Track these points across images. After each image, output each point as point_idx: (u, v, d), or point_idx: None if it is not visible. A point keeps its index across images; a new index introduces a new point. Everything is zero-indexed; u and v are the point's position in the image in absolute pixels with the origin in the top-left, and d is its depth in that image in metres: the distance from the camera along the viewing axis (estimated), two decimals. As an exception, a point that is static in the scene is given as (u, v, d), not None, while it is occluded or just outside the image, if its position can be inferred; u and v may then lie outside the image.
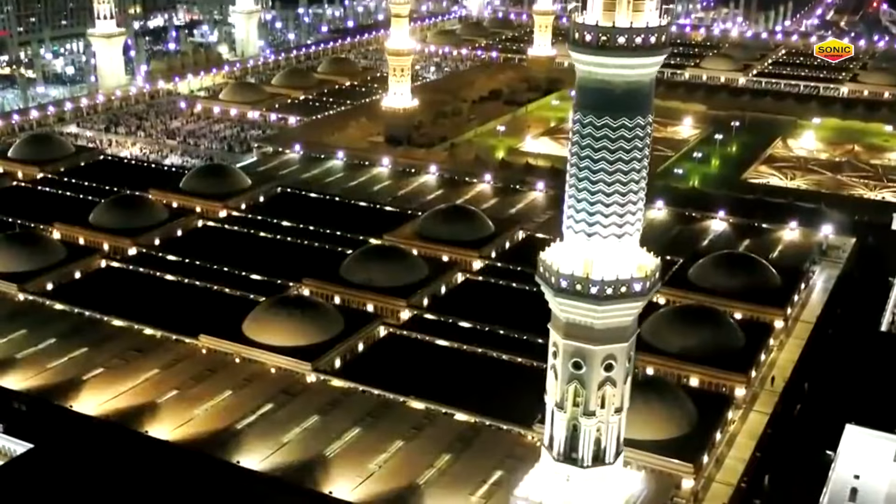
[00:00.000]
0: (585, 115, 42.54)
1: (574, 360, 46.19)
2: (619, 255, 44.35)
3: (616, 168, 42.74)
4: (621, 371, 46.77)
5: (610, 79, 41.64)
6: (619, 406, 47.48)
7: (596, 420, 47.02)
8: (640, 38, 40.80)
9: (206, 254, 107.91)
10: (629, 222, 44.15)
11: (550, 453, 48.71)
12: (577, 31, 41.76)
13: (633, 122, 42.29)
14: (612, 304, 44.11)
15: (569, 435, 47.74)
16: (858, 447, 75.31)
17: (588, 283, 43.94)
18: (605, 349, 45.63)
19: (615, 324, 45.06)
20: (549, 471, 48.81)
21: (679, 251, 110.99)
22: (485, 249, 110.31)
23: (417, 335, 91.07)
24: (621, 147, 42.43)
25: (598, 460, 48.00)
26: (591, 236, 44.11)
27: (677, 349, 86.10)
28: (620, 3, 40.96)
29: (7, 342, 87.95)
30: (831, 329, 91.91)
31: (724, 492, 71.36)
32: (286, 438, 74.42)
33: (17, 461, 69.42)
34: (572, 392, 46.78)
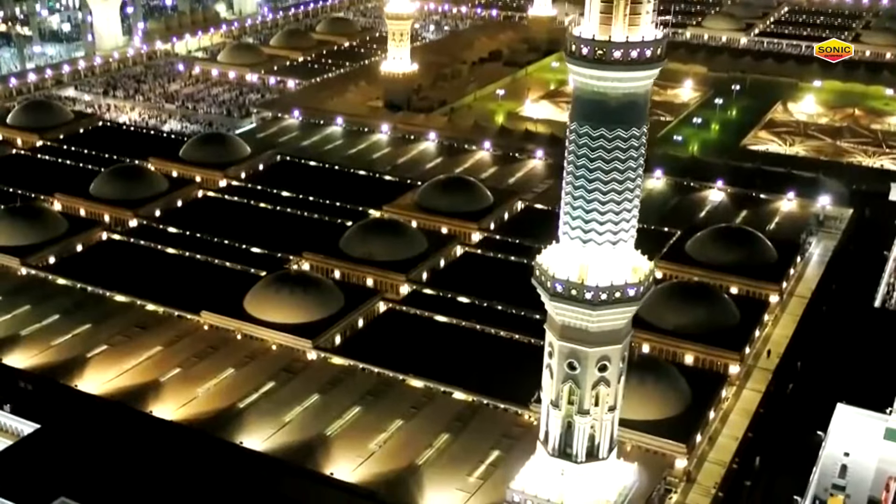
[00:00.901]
0: (581, 125, 43.05)
1: (569, 361, 47.26)
2: (614, 260, 45.14)
3: (611, 177, 43.39)
4: (615, 371, 47.86)
5: (605, 91, 42.08)
6: (612, 405, 48.66)
7: (590, 418, 48.24)
8: (635, 52, 41.15)
9: (207, 226, 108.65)
10: (623, 229, 44.89)
11: (546, 448, 49.99)
12: (574, 44, 42.08)
13: (627, 133, 42.82)
14: (606, 308, 45.04)
15: (563, 431, 49.00)
16: (849, 425, 76.84)
17: (583, 288, 44.81)
18: (600, 351, 46.66)
19: (609, 327, 46.04)
20: (544, 465, 50.16)
21: (677, 222, 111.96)
22: (483, 221, 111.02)
23: (416, 311, 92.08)
24: (616, 157, 43.02)
25: (592, 456, 49.31)
26: (587, 243, 44.89)
27: (673, 326, 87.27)
28: (617, 17, 41.23)
29: (11, 318, 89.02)
30: (825, 305, 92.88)
31: (717, 471, 72.89)
32: (288, 418, 75.80)
33: (24, 441, 70.76)
34: (567, 391, 47.90)
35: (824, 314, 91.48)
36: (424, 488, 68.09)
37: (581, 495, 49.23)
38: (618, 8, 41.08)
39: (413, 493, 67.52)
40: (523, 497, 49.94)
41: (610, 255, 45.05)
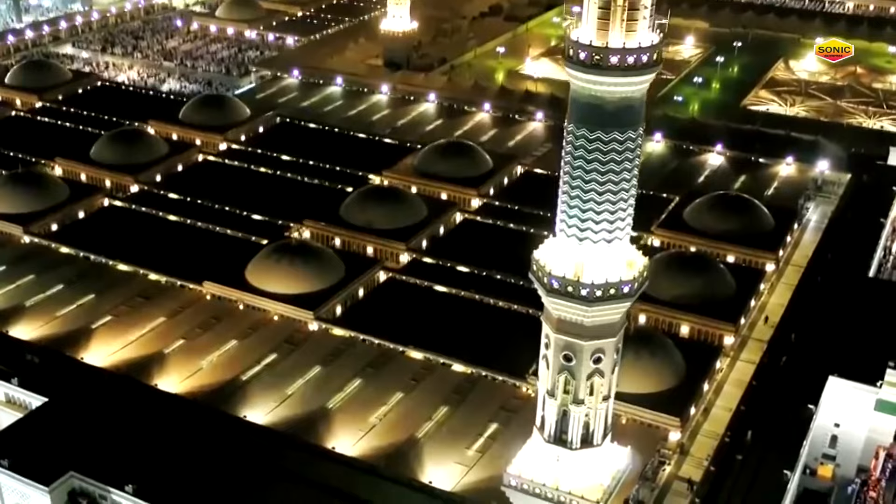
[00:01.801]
0: (578, 127, 43.62)
1: (565, 353, 48.42)
2: (609, 258, 46.02)
3: (607, 178, 44.07)
4: (609, 363, 49.05)
5: (602, 95, 42.55)
6: (606, 394, 49.95)
7: (585, 407, 49.56)
8: (632, 57, 41.56)
9: (208, 191, 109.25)
10: (619, 227, 45.69)
11: (542, 435, 51.41)
12: (572, 49, 42.45)
13: (623, 136, 43.40)
14: (600, 305, 46.08)
15: (559, 419, 50.34)
16: (840, 398, 78.52)
17: (579, 285, 45.79)
18: (595, 344, 47.79)
19: (604, 321, 47.14)
20: (540, 450, 51.63)
21: (676, 187, 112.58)
22: (483, 187, 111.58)
23: (416, 280, 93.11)
24: (612, 159, 43.66)
25: (587, 443, 50.74)
26: (583, 241, 45.74)
27: (669, 297, 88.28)
28: (614, 23, 41.56)
29: (16, 288, 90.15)
30: (820, 276, 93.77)
31: (710, 443, 74.45)
32: (290, 391, 77.33)
33: (32, 415, 72.23)
34: (563, 381, 49.14)
35: (819, 284, 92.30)
36: (424, 462, 69.81)
37: (576, 480, 50.79)
38: (615, 14, 41.39)
39: (413, 467, 69.22)
40: (520, 481, 51.49)
41: (605, 253, 45.93)
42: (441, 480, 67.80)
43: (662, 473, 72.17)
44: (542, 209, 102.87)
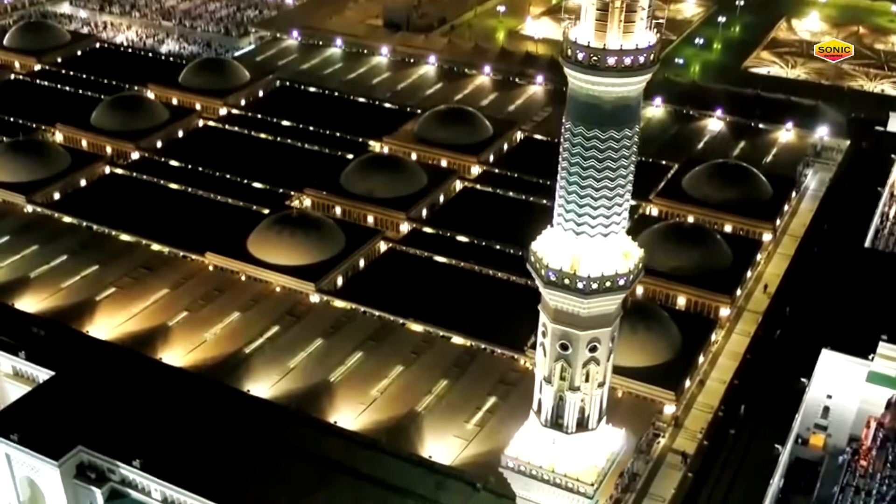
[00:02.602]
0: (576, 125, 44.17)
1: (561, 342, 49.51)
2: (605, 251, 46.89)
3: (604, 175, 44.76)
4: (605, 351, 50.19)
5: (600, 94, 43.04)
6: (602, 381, 51.15)
7: (580, 394, 50.80)
8: (629, 59, 42.02)
9: (208, 158, 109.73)
10: (615, 221, 46.47)
11: (539, 419, 52.74)
12: (570, 49, 42.87)
13: (620, 134, 44.01)
14: (596, 297, 47.04)
15: (555, 404, 51.62)
16: (832, 370, 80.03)
17: (575, 278, 46.72)
18: (590, 333, 48.88)
19: (600, 312, 48.15)
20: (536, 434, 53.02)
21: (675, 154, 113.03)
22: (483, 154, 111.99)
23: (416, 251, 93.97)
24: (609, 157, 44.30)
25: (582, 426, 52.08)
26: (580, 234, 46.55)
27: (667, 269, 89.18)
28: (612, 24, 41.91)
29: (20, 259, 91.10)
30: (816, 246, 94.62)
31: (704, 417, 75.96)
32: (292, 364, 78.67)
33: (40, 389, 73.63)
34: (559, 368, 50.33)
35: (815, 255, 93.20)
36: (424, 436, 71.39)
37: (572, 462, 52.26)
38: (612, 15, 41.75)
39: (413, 441, 70.80)
40: (517, 463, 52.93)
41: (601, 246, 46.77)
42: (440, 454, 69.43)
43: (657, 446, 73.83)
44: (542, 177, 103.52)
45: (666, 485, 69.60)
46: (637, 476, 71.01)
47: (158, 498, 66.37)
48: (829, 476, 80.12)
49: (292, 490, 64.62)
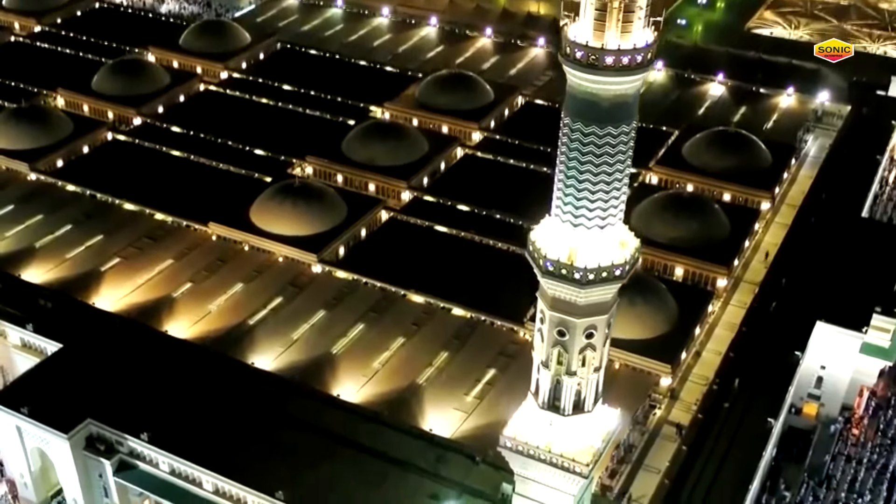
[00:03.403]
0: (574, 121, 44.78)
1: (558, 329, 50.59)
2: (602, 243, 47.79)
3: (601, 170, 45.48)
4: (601, 337, 51.32)
5: (598, 92, 43.59)
6: (598, 366, 52.36)
7: (577, 378, 52.05)
8: (626, 58, 42.49)
9: (210, 124, 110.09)
10: (612, 214, 47.27)
11: (536, 401, 54.07)
12: (569, 47, 43.33)
13: (618, 130, 44.62)
14: (593, 287, 48.06)
15: (553, 388, 52.86)
16: (826, 342, 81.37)
17: (572, 269, 47.65)
18: (587, 321, 49.95)
19: (596, 300, 49.16)
20: (534, 415, 54.39)
21: (676, 120, 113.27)
22: (484, 120, 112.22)
23: (417, 221, 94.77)
24: (606, 152, 44.98)
25: (578, 409, 53.39)
26: (577, 226, 47.40)
27: (665, 239, 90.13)
28: (610, 24, 42.31)
29: (25, 229, 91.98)
30: (814, 217, 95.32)
31: (700, 389, 77.36)
32: (295, 335, 79.96)
33: (48, 362, 75.00)
34: (556, 354, 51.47)
35: (812, 226, 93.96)
36: (425, 408, 72.92)
37: (568, 443, 53.70)
38: (611, 15, 42.14)
39: (414, 414, 72.36)
40: (515, 443, 54.40)
41: (598, 238, 47.65)
42: (440, 427, 71.03)
43: (653, 418, 75.43)
44: (543, 144, 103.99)
45: (661, 456, 71.31)
46: (633, 447, 72.75)
47: (166, 469, 68.13)
48: (821, 445, 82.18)
49: (296, 462, 66.26)
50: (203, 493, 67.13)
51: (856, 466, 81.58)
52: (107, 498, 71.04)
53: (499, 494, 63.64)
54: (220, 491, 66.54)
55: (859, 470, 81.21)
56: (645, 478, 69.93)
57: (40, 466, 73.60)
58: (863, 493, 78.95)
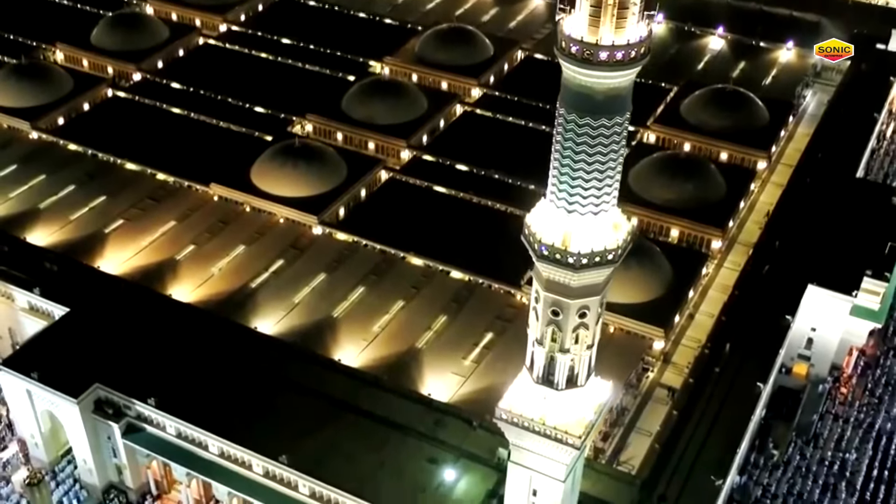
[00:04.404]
0: (569, 112, 45.58)
1: (553, 309, 52.02)
2: (595, 228, 48.97)
3: (595, 159, 46.41)
4: (593, 317, 52.78)
5: (592, 85, 44.30)
6: (590, 343, 53.93)
7: (570, 355, 53.68)
8: (620, 53, 43.14)
9: (209, 80, 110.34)
10: (605, 200, 48.33)
11: (531, 375, 55.77)
12: (564, 41, 43.96)
13: (611, 122, 45.45)
14: (586, 270, 49.37)
15: (547, 364, 54.46)
16: (817, 304, 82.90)
17: (566, 253, 48.90)
18: (580, 302, 51.33)
19: (589, 283, 50.51)
20: (528, 389, 56.13)
21: (675, 75, 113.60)
22: (483, 76, 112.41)
23: (416, 181, 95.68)
24: (600, 143, 45.87)
25: (572, 383, 55.05)
26: (571, 212, 48.50)
27: (661, 201, 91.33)
28: (604, 20, 42.82)
29: (29, 189, 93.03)
30: (809, 177, 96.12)
31: (692, 353, 79.15)
32: (297, 299, 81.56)
33: (56, 326, 76.61)
34: (550, 332, 52.95)
35: (807, 186, 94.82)
36: (423, 373, 74.89)
37: (561, 416, 55.57)
38: (606, 11, 42.67)
39: (413, 378, 74.33)
40: (510, 416, 56.22)
41: (591, 224, 48.80)
42: (439, 391, 73.05)
43: (645, 381, 77.42)
44: (542, 100, 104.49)
45: (652, 419, 73.42)
46: (626, 410, 74.86)
47: (173, 433, 70.30)
48: (810, 404, 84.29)
49: (299, 426, 68.32)
50: (209, 455, 69.36)
51: (843, 425, 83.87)
52: (115, 458, 73.38)
53: (495, 458, 65.84)
54: (225, 454, 68.78)
55: (846, 428, 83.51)
56: (637, 440, 72.11)
57: (50, 427, 75.76)
58: (849, 451, 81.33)
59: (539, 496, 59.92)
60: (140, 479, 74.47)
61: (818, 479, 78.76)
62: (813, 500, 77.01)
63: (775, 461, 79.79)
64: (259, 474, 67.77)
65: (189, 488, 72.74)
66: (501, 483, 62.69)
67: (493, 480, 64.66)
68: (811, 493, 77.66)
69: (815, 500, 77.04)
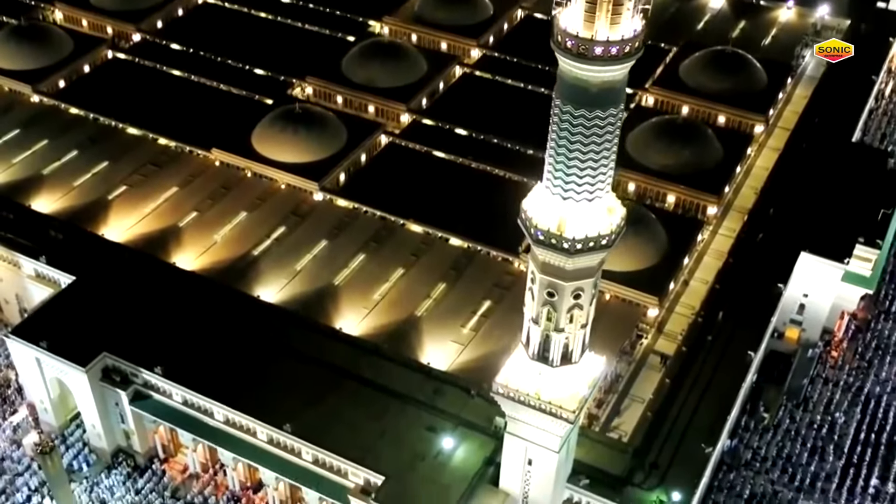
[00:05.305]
0: (564, 104, 46.58)
1: (548, 290, 53.54)
2: (590, 214, 50.26)
3: (589, 149, 47.49)
4: (588, 298, 54.31)
5: (587, 78, 45.20)
6: (584, 322, 55.58)
7: (565, 334, 55.35)
8: (615, 48, 43.95)
9: (209, 41, 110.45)
10: (599, 188, 49.55)
11: (527, 352, 57.53)
12: (560, 36, 44.75)
13: (605, 114, 46.45)
14: (580, 255, 50.81)
15: (542, 341, 56.19)
16: (810, 271, 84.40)
17: (561, 239, 50.28)
18: (575, 284, 52.84)
19: (584, 266, 51.99)
20: (524, 365, 57.92)
21: (674, 35, 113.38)
22: (483, 36, 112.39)
23: (416, 146, 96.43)
24: (595, 133, 46.91)
25: (566, 360, 56.84)
26: (566, 199, 49.76)
27: (658, 167, 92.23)
28: (599, 16, 43.53)
29: (32, 155, 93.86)
30: (805, 142, 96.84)
31: (685, 321, 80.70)
32: (298, 266, 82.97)
33: (62, 295, 78.16)
34: (546, 312, 54.58)
35: (803, 151, 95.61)
36: (423, 341, 76.55)
37: (556, 391, 57.44)
38: (601, 7, 43.39)
39: (412, 346, 76.03)
40: (507, 390, 58.12)
41: (586, 210, 50.10)
42: (438, 360, 74.80)
43: (639, 348, 79.16)
44: (542, 62, 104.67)
45: (646, 386, 75.19)
46: (620, 377, 76.71)
47: (179, 400, 72.30)
48: (801, 368, 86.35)
49: (302, 395, 70.27)
50: (214, 422, 71.43)
51: (832, 388, 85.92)
52: (123, 424, 75.54)
53: (492, 427, 67.80)
54: (230, 421, 70.84)
55: (836, 392, 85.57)
56: (630, 407, 74.02)
57: (59, 393, 77.78)
58: (838, 411, 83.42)
59: (534, 465, 62.26)
60: (147, 444, 76.76)
61: (807, 442, 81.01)
62: (801, 463, 79.30)
63: (765, 424, 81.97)
64: (263, 441, 69.87)
65: (195, 453, 75.05)
66: (498, 451, 64.91)
67: (490, 448, 66.67)
68: (799, 455, 79.95)
69: (804, 463, 79.33)
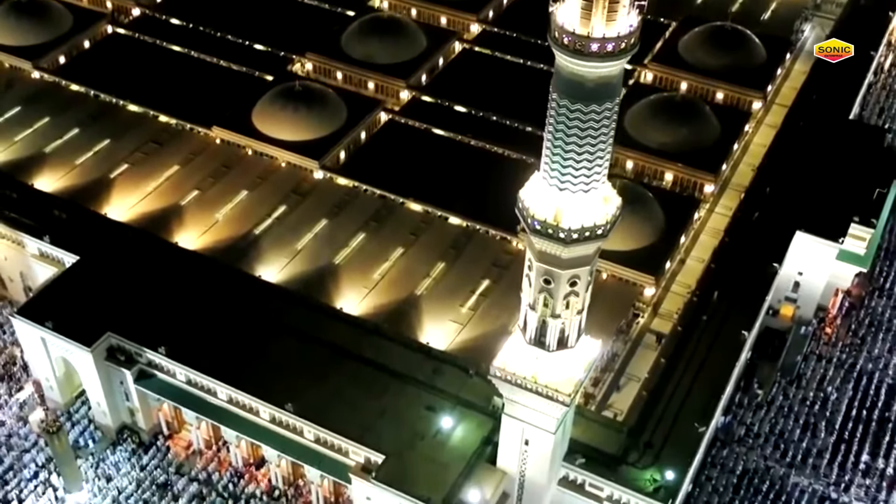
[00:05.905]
0: (561, 98, 47.19)
1: (545, 278, 54.49)
2: (585, 205, 51.07)
3: (585, 142, 48.16)
4: (584, 285, 55.26)
5: (583, 73, 45.78)
6: (580, 309, 56.58)
7: (561, 320, 56.38)
8: (611, 45, 44.50)
9: (208, 15, 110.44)
10: (595, 180, 50.26)
11: (524, 336, 58.61)
12: (557, 32, 45.29)
13: (601, 108, 47.07)
14: (576, 245, 51.71)
15: (539, 327, 57.23)
16: (804, 249, 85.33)
17: (558, 229, 51.12)
18: (571, 272, 53.77)
19: (579, 254, 52.92)
20: (521, 349, 59.05)
21: (674, 9, 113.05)
22: (483, 11, 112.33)
23: (416, 123, 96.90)
24: (591, 127, 47.57)
25: (562, 345, 57.94)
26: (563, 190, 50.55)
27: (656, 145, 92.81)
28: (595, 13, 43.98)
29: (34, 133, 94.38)
30: (802, 119, 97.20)
31: (681, 300, 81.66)
32: (299, 245, 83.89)
33: (67, 274, 79.11)
34: (542, 298, 55.57)
35: (800, 129, 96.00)
36: (422, 320, 77.70)
37: (552, 375, 58.61)
38: (597, 4, 43.88)
39: (412, 326, 77.19)
40: (504, 374, 59.31)
41: (582, 201, 50.89)
42: (437, 339, 75.97)
43: (636, 326, 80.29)
44: (541, 37, 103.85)
45: (642, 365, 76.37)
46: (616, 356, 77.94)
47: (182, 380, 73.60)
48: (795, 345, 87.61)
49: (303, 374, 71.54)
50: (217, 401, 72.80)
51: (826, 365, 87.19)
52: (128, 402, 76.93)
53: (490, 406, 69.12)
54: (233, 400, 72.19)
55: (829, 368, 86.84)
56: (626, 386, 75.28)
57: (64, 371, 79.07)
58: (831, 386, 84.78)
59: (531, 445, 63.63)
60: (152, 421, 78.22)
61: (799, 418, 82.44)
62: (793, 439, 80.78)
63: (759, 401, 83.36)
64: (266, 420, 71.27)
65: (199, 430, 76.51)
66: (496, 430, 66.26)
67: (489, 428, 68.03)
68: (792, 431, 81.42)
69: (796, 439, 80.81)
